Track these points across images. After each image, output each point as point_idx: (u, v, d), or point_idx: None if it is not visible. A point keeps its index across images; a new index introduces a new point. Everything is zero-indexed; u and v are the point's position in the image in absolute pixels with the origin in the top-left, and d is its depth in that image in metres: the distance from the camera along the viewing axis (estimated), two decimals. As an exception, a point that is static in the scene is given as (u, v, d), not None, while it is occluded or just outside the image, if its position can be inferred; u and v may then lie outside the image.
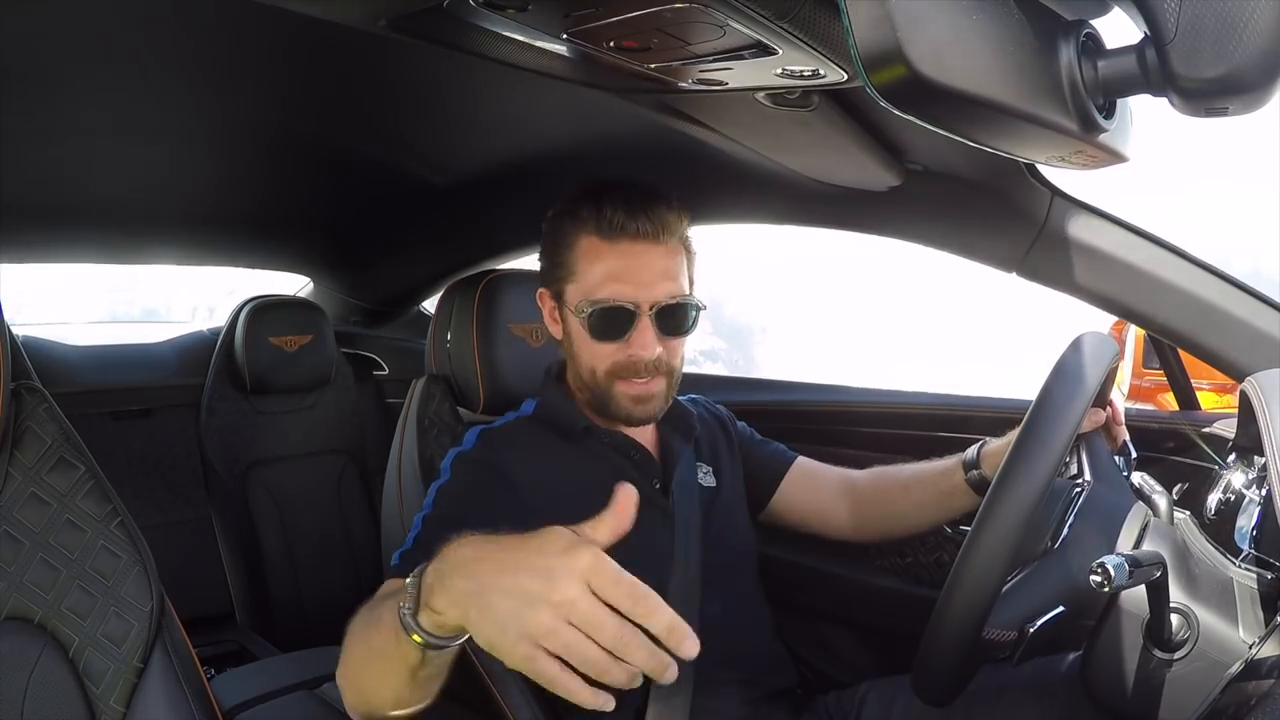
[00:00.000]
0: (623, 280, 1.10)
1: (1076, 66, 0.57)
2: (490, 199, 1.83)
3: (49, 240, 2.09)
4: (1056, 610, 0.85)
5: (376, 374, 2.54)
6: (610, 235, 1.11)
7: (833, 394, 1.82)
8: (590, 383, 1.17)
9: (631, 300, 1.11)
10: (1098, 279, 1.20)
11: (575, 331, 1.16)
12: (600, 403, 1.18)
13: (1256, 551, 0.91)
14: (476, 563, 0.69)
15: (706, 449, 1.33)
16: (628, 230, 1.10)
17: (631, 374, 1.14)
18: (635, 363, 1.13)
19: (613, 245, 1.11)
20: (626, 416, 1.17)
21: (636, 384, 1.14)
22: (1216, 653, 0.81)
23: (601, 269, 1.11)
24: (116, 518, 0.91)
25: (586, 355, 1.16)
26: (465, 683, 1.20)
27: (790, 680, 1.25)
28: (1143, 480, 1.06)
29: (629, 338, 1.12)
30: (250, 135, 1.53)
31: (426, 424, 1.34)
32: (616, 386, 1.15)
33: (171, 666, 0.89)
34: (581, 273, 1.13)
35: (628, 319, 1.11)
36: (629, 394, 1.15)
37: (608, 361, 1.14)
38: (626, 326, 1.12)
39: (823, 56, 0.76)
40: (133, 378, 2.22)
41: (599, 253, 1.12)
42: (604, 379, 1.15)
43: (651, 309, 1.11)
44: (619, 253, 1.11)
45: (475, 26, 0.77)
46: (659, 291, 1.11)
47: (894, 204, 1.31)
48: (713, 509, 1.25)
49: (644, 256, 1.11)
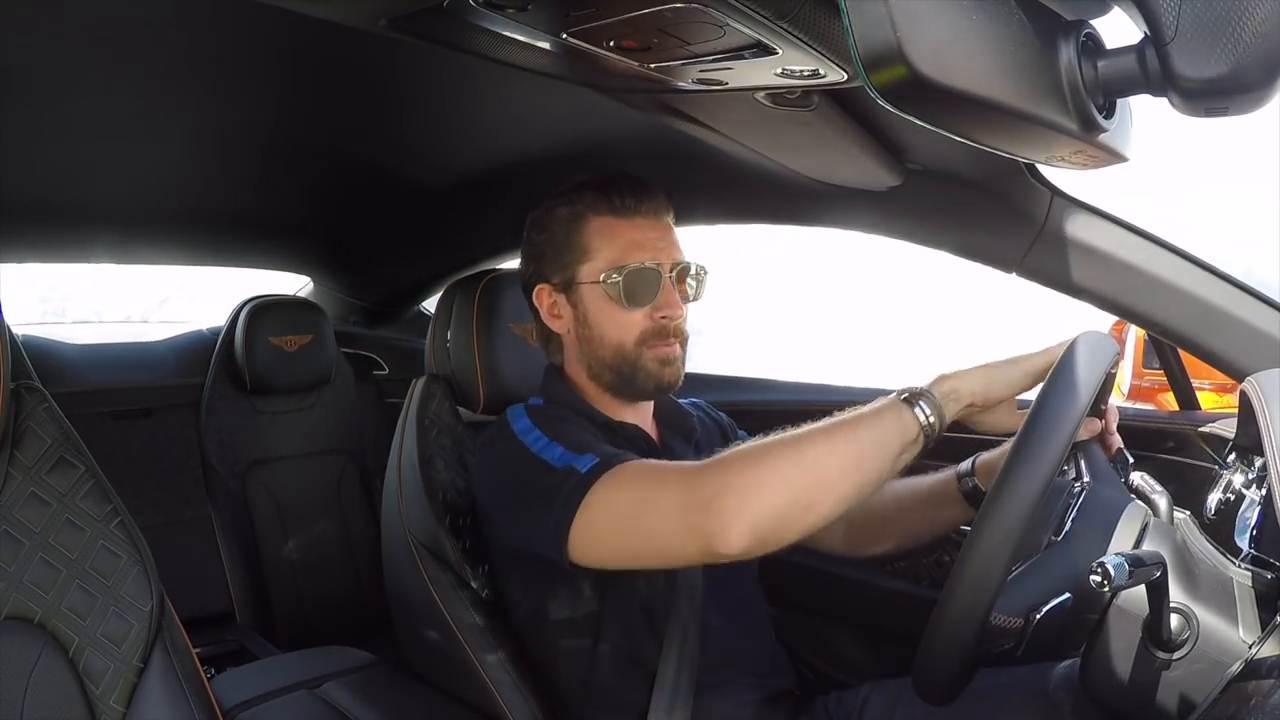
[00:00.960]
0: (644, 248, 1.16)
1: (1076, 66, 0.57)
2: (490, 199, 1.83)
3: (49, 240, 2.09)
4: (1062, 597, 0.85)
5: (376, 374, 2.54)
6: (625, 213, 1.16)
7: (833, 394, 1.82)
8: (615, 360, 1.17)
9: (656, 262, 1.16)
10: (1098, 279, 1.20)
11: (596, 308, 1.17)
12: (626, 377, 1.18)
13: (1256, 551, 0.91)
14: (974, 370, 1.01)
15: (706, 451, 1.33)
16: (640, 209, 1.17)
17: (660, 337, 1.17)
18: (665, 326, 1.16)
19: (630, 221, 1.16)
20: (655, 383, 1.18)
21: (662, 347, 1.17)
22: (1216, 653, 0.81)
23: (622, 241, 1.16)
24: (116, 517, 0.91)
25: (612, 329, 1.17)
26: (464, 682, 1.20)
27: (790, 681, 1.25)
28: (1142, 480, 1.06)
29: (657, 300, 1.16)
30: (250, 135, 1.53)
31: (426, 424, 1.34)
32: (644, 355, 1.17)
33: (171, 666, 0.89)
34: (598, 250, 1.17)
35: (655, 280, 1.15)
36: (656, 357, 1.17)
37: (637, 330, 1.16)
38: (654, 289, 1.15)
39: (823, 56, 0.76)
40: (132, 377, 2.22)
41: (616, 229, 1.16)
42: (633, 348, 1.17)
43: (672, 270, 1.17)
44: (636, 226, 1.17)
45: (475, 26, 0.77)
46: (676, 255, 1.18)
47: (894, 204, 1.31)
48: None
49: (656, 229, 1.18)
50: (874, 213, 1.36)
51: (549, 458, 1.06)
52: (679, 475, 0.98)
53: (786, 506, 0.91)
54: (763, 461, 0.92)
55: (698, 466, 0.97)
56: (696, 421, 1.32)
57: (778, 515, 0.90)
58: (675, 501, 0.95)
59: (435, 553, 1.23)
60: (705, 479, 0.94)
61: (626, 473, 1.00)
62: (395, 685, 1.38)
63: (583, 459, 1.03)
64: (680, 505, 0.94)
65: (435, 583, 1.21)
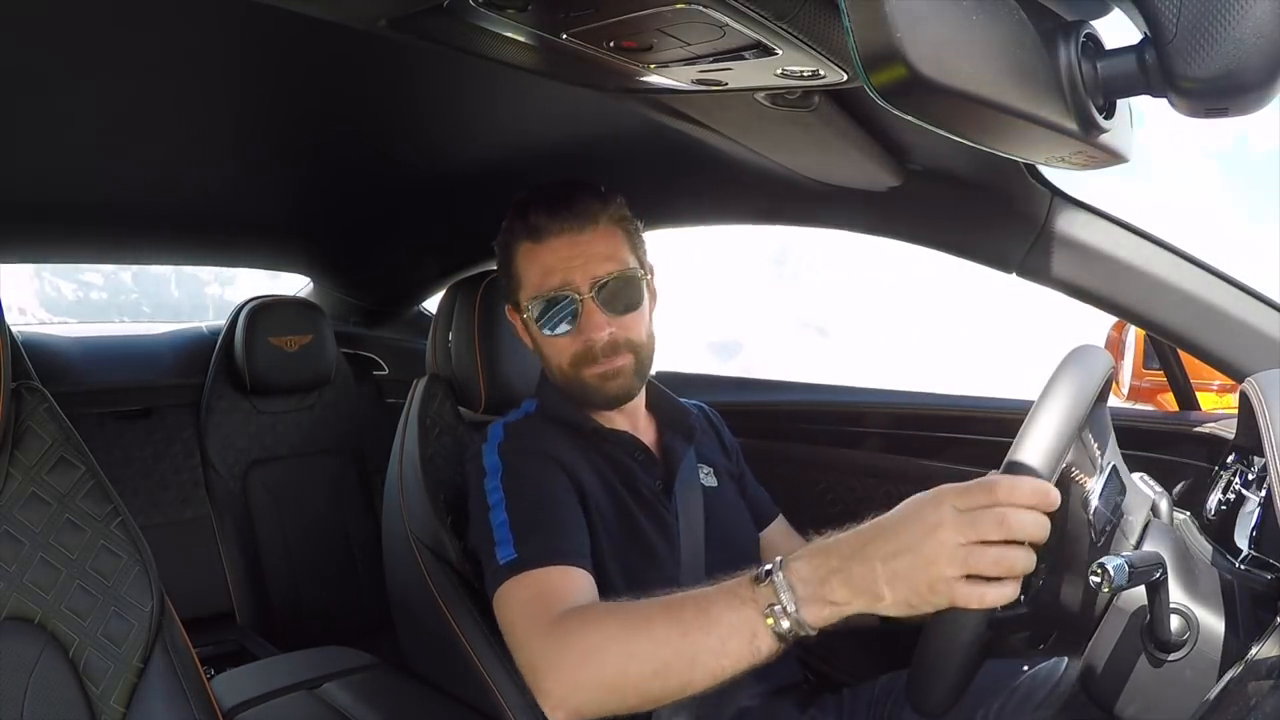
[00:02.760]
0: (555, 271, 1.15)
1: (1076, 67, 0.57)
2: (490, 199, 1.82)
3: (49, 240, 2.09)
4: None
5: (376, 374, 2.54)
6: (539, 237, 1.16)
7: (832, 394, 1.83)
8: (562, 380, 1.21)
9: (572, 288, 1.15)
10: (1097, 279, 1.20)
11: (534, 333, 1.21)
12: (578, 395, 1.20)
13: (1256, 552, 0.91)
14: (862, 549, 0.80)
15: (706, 450, 1.33)
16: (552, 229, 1.15)
17: (590, 360, 1.17)
18: (590, 347, 1.16)
19: (544, 245, 1.16)
20: (605, 399, 1.20)
21: (598, 366, 1.17)
22: (1216, 653, 0.81)
23: (538, 268, 1.17)
24: (117, 517, 0.91)
25: (550, 353, 1.20)
26: (465, 682, 1.20)
27: (795, 675, 1.25)
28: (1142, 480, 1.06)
29: (579, 324, 1.15)
30: (250, 135, 1.53)
31: (428, 424, 1.34)
32: (584, 374, 1.18)
33: (172, 666, 0.89)
34: (523, 278, 1.19)
35: (571, 306, 1.15)
36: (595, 373, 1.17)
37: (567, 354, 1.18)
38: (573, 314, 1.15)
39: (822, 57, 0.76)
40: (132, 377, 2.22)
41: (533, 255, 1.17)
42: (570, 370, 1.18)
43: (592, 290, 1.15)
44: (548, 248, 1.16)
45: (475, 26, 0.77)
46: (595, 271, 1.15)
47: (893, 204, 1.31)
48: (714, 508, 1.26)
49: (572, 247, 1.15)
50: (874, 213, 1.36)
51: (494, 521, 1.10)
52: (527, 627, 0.99)
53: (614, 701, 0.91)
54: (601, 647, 0.91)
55: (545, 624, 0.96)
56: (695, 419, 1.33)
57: (602, 705, 0.91)
58: (518, 645, 1.00)
59: (437, 552, 1.23)
60: (543, 645, 0.95)
61: (514, 589, 1.03)
62: (395, 685, 1.38)
63: (504, 548, 1.06)
64: (520, 654, 0.99)
65: (436, 582, 1.21)
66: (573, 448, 1.19)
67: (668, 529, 1.19)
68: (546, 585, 1.01)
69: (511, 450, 1.16)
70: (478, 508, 1.14)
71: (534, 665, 0.95)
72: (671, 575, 1.16)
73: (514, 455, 1.15)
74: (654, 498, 1.21)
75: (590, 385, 1.19)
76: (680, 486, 1.23)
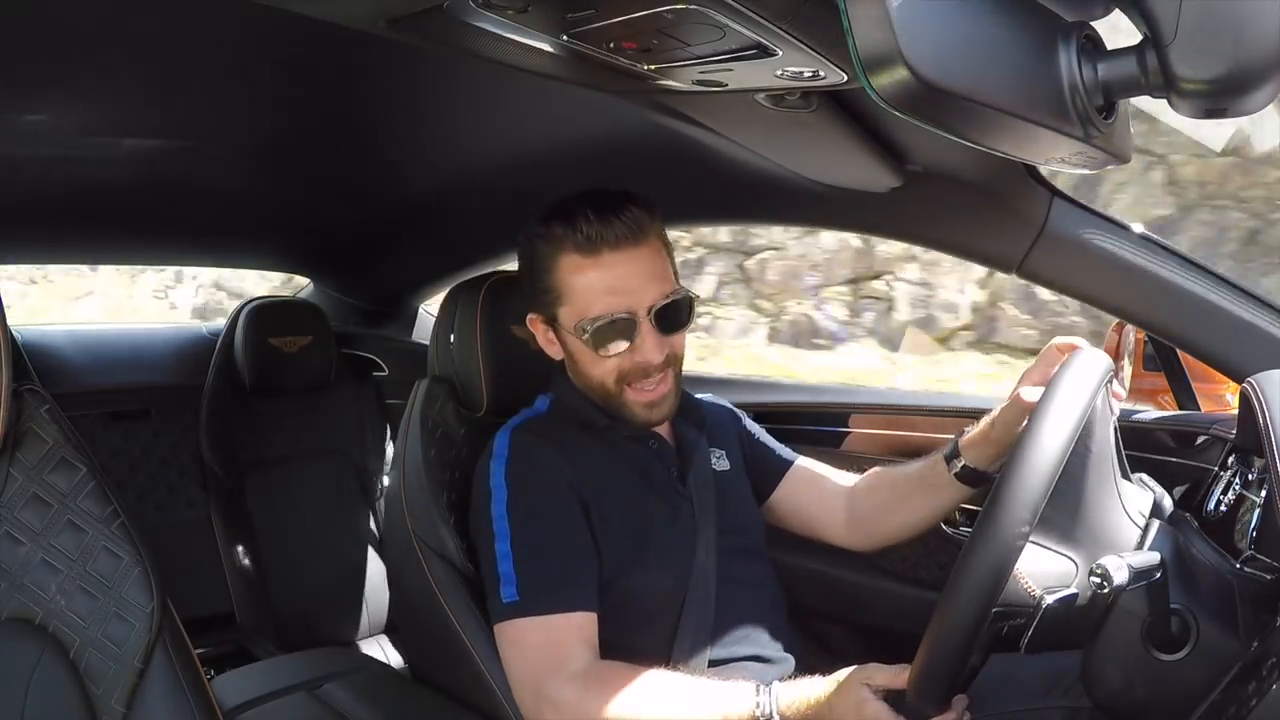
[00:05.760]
0: (615, 292, 1.10)
1: (1076, 68, 0.57)
2: (491, 200, 1.83)
3: (49, 240, 2.09)
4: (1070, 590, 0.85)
5: (376, 375, 2.54)
6: (590, 249, 1.10)
7: (832, 394, 1.83)
8: (600, 396, 1.18)
9: (628, 309, 1.11)
10: (1097, 280, 1.20)
11: (578, 351, 1.16)
12: (613, 410, 1.19)
13: (1256, 552, 0.91)
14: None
15: (716, 434, 1.34)
16: (606, 240, 1.09)
17: (641, 377, 1.14)
18: (643, 366, 1.13)
19: (596, 259, 1.10)
20: (643, 422, 1.18)
21: (646, 390, 1.15)
22: (1216, 653, 0.81)
23: (591, 285, 1.11)
24: (117, 518, 0.91)
25: (594, 371, 1.16)
26: (466, 682, 1.20)
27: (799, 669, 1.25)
28: (1142, 480, 1.06)
29: (634, 345, 1.12)
30: (250, 136, 1.53)
31: (430, 425, 1.34)
32: (627, 394, 1.16)
33: (172, 667, 0.89)
34: (571, 293, 1.13)
35: (629, 328, 1.11)
36: (640, 401, 1.16)
37: (615, 371, 1.14)
38: (630, 335, 1.12)
39: (823, 58, 0.76)
40: (132, 378, 2.22)
41: (583, 269, 1.11)
42: (614, 388, 1.16)
43: (650, 313, 1.11)
44: (603, 264, 1.10)
45: (475, 27, 0.77)
46: (653, 293, 1.11)
47: (894, 205, 1.30)
48: (726, 492, 1.27)
49: (629, 264, 1.10)
50: (874, 214, 1.36)
51: (498, 551, 1.11)
52: (525, 674, 1.07)
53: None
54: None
55: (545, 679, 1.05)
56: (704, 406, 1.34)
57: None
58: (517, 683, 1.08)
59: (440, 553, 1.23)
60: (550, 694, 1.04)
61: (515, 631, 1.09)
62: (395, 686, 1.38)
63: (507, 587, 1.09)
64: (520, 691, 1.08)
65: (440, 584, 1.21)
66: (585, 446, 1.19)
67: (685, 517, 1.20)
68: (546, 635, 1.06)
69: (517, 475, 1.15)
70: (483, 526, 1.15)
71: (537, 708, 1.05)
72: (689, 561, 1.17)
73: (519, 480, 1.14)
74: (669, 486, 1.22)
75: (633, 410, 1.17)
76: (694, 474, 1.24)
